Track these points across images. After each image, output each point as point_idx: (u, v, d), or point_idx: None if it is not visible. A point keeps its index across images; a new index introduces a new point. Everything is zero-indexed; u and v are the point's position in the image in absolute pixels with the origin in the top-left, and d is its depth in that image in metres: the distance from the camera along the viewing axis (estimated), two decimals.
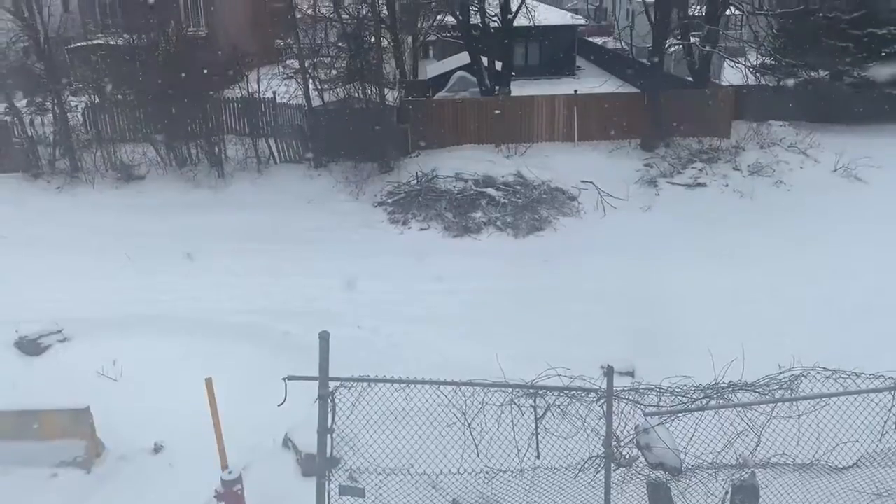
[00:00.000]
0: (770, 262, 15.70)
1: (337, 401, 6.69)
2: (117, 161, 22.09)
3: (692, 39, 25.03)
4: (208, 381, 7.50)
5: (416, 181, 20.85)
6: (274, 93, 23.38)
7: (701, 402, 7.11)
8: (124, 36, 23.59)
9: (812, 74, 25.33)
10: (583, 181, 20.30)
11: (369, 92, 22.20)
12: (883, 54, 24.64)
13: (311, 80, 22.75)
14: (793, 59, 24.68)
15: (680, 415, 7.13)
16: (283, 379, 6.52)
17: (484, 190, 20.18)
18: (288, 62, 26.22)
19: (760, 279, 14.86)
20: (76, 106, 23.54)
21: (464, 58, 29.27)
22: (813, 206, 18.83)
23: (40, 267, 15.71)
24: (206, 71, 22.40)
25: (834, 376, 6.98)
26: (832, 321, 12.81)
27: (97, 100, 23.61)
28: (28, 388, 10.51)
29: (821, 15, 23.86)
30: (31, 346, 12.14)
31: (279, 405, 6.54)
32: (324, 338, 6.50)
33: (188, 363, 10.59)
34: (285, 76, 24.20)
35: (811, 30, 24.28)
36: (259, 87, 23.18)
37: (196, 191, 21.26)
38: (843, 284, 14.31)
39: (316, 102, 22.89)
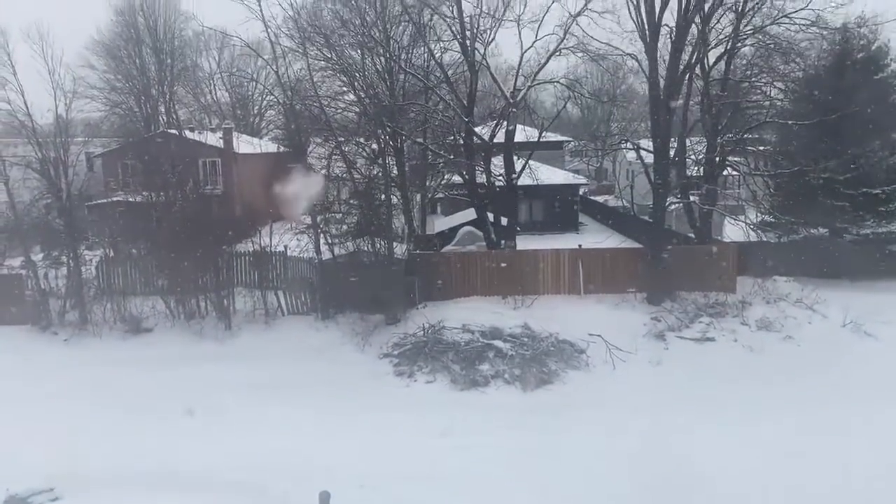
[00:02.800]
0: (787, 419, 15.22)
1: None
2: (126, 313, 22.28)
3: (692, 198, 25.84)
4: None
5: (422, 333, 20.82)
6: (285, 247, 23.98)
7: None
8: (143, 193, 24.58)
9: (812, 231, 25.90)
10: (590, 334, 20.21)
11: (378, 245, 22.74)
12: (879, 212, 25.33)
13: (321, 235, 23.38)
14: (792, 216, 25.34)
15: None
16: None
17: (491, 342, 20.06)
18: (300, 217, 27.06)
19: (777, 439, 14.33)
20: (91, 259, 24.11)
21: (470, 213, 30.18)
22: (825, 362, 18.59)
23: (38, 420, 15.38)
24: (219, 226, 23.10)
25: None
26: (855, 484, 12.25)
27: (112, 254, 24.20)
28: None
29: (815, 175, 24.69)
30: None
31: None
32: (324, 499, 6.22)
33: None
34: (297, 231, 24.91)
35: (807, 189, 25.10)
36: (271, 241, 23.81)
37: (202, 343, 21.24)
38: (863, 446, 13.80)
39: (326, 256, 23.38)
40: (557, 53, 25.12)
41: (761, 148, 28.28)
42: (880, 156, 25.37)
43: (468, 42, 24.86)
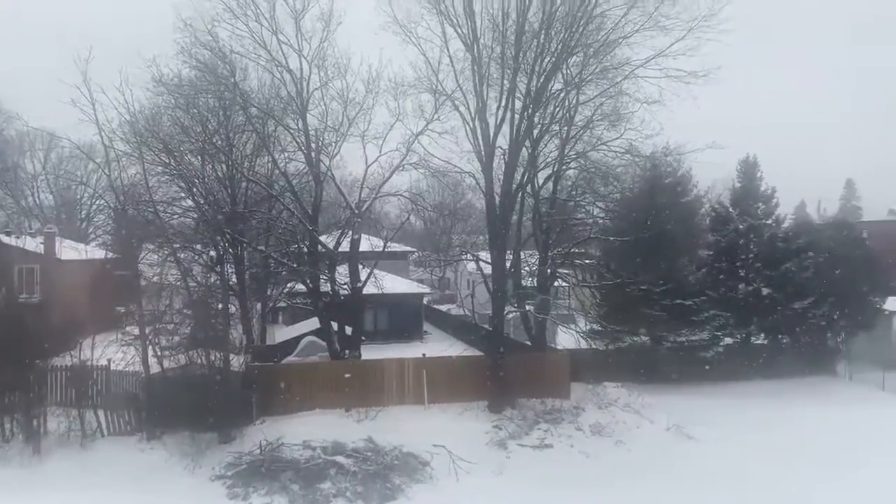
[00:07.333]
0: None
1: None
2: None
3: (527, 307, 27.04)
4: None
5: (259, 451, 19.71)
6: (109, 360, 22.17)
7: None
8: None
9: (635, 339, 27.83)
10: (434, 445, 20.03)
11: (213, 358, 21.60)
12: (692, 322, 27.73)
13: (150, 347, 21.91)
14: (616, 325, 27.14)
15: None
16: None
17: (333, 458, 19.33)
18: (128, 328, 25.33)
19: None
20: None
21: (313, 322, 29.62)
22: (653, 466, 19.53)
23: None
24: (33, 339, 21.05)
25: None
26: None
27: None
28: None
29: (634, 287, 26.77)
30: None
31: None
32: None
33: None
34: (123, 343, 23.17)
35: (629, 300, 27.10)
36: (92, 354, 21.93)
37: (4, 469, 18.74)
38: None
39: (155, 369, 21.82)
40: (401, 168, 26.07)
41: (587, 261, 30.37)
42: (689, 270, 28.04)
43: (313, 154, 25.23)
